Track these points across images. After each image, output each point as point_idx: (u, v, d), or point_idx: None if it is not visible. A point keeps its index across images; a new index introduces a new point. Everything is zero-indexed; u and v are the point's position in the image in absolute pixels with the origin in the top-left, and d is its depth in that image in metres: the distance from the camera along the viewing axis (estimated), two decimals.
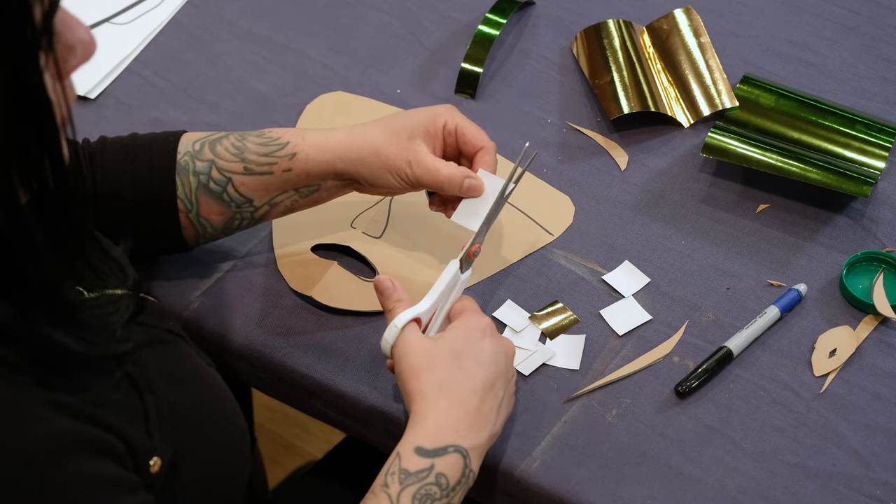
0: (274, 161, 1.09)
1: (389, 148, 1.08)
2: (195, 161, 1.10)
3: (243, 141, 1.10)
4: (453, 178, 1.08)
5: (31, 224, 0.75)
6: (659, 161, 1.27)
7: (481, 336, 1.02)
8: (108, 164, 1.10)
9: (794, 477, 1.05)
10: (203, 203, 1.10)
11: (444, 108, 1.11)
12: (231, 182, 1.10)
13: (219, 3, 1.44)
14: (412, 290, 1.16)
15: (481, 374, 0.99)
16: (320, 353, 1.13)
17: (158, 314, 0.99)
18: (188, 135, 1.12)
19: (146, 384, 0.88)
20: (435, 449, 0.96)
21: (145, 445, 0.85)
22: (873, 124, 1.25)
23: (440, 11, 1.42)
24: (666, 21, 1.36)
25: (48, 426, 0.77)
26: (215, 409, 0.97)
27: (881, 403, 1.09)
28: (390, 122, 1.10)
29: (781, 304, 1.14)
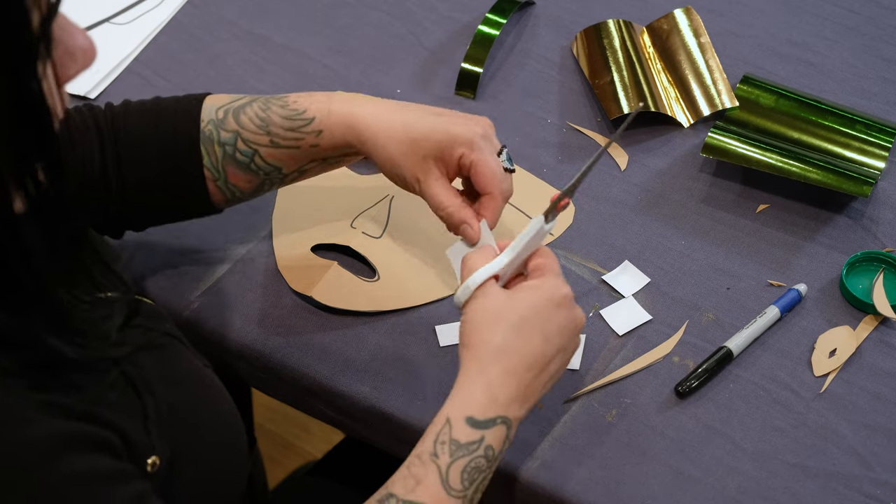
0: (301, 136, 1.07)
1: (406, 160, 1.05)
2: (220, 131, 1.08)
3: (267, 111, 1.08)
4: (452, 216, 1.04)
5: (28, 231, 0.75)
6: (659, 161, 1.27)
7: (555, 306, 0.97)
8: (131, 129, 1.08)
9: (794, 477, 1.05)
10: (230, 172, 1.09)
11: (471, 133, 1.04)
12: (258, 153, 1.08)
13: (219, 3, 1.44)
14: (412, 291, 1.16)
15: (543, 347, 0.96)
16: (320, 353, 1.13)
17: (155, 317, 0.99)
18: (211, 99, 1.10)
19: (144, 384, 0.88)
20: (485, 420, 0.94)
21: (144, 443, 0.85)
22: (873, 124, 1.25)
23: (440, 11, 1.42)
24: (666, 21, 1.36)
25: (40, 428, 0.77)
26: (213, 409, 0.97)
27: (881, 403, 1.09)
28: (413, 128, 1.05)
29: (781, 304, 1.14)
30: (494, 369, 0.95)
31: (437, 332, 1.14)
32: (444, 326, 1.14)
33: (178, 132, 1.08)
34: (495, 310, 0.96)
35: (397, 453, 1.13)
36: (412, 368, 1.12)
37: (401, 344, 1.14)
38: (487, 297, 0.97)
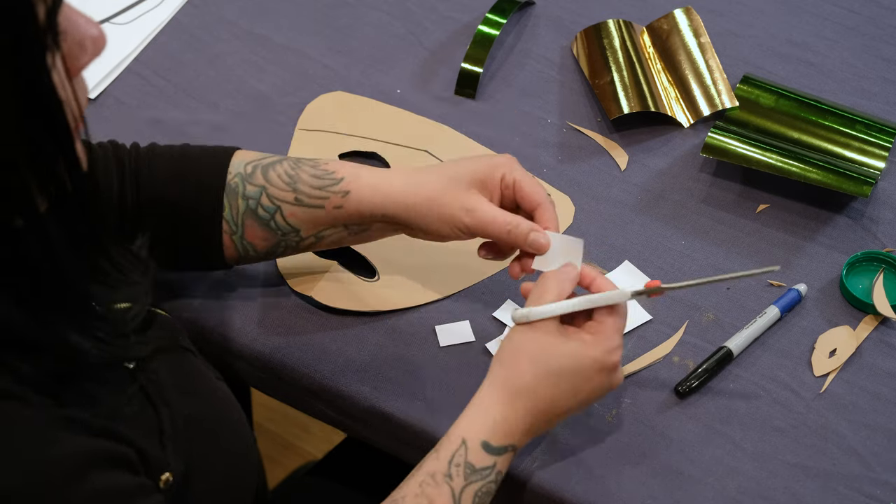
0: (326, 196, 1.06)
1: (445, 196, 1.04)
2: (246, 184, 1.07)
3: (297, 170, 1.07)
4: (519, 226, 1.03)
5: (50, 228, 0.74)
6: (659, 161, 1.27)
7: (597, 370, 0.98)
8: (155, 174, 1.08)
9: (794, 477, 1.05)
10: (248, 227, 1.08)
11: (504, 158, 1.06)
12: (280, 210, 1.07)
13: (219, 3, 1.44)
14: (412, 291, 1.16)
15: (570, 402, 0.99)
16: (320, 353, 1.13)
17: (169, 328, 0.99)
18: (240, 154, 1.10)
19: (160, 396, 0.88)
20: (499, 447, 0.96)
21: (159, 459, 0.85)
22: (873, 124, 1.25)
23: (440, 11, 1.42)
24: (666, 21, 1.36)
25: (64, 446, 0.77)
26: (226, 421, 0.97)
27: (881, 403, 1.09)
28: (447, 170, 1.06)
29: (781, 304, 1.14)
30: (519, 404, 0.97)
31: (437, 332, 1.14)
32: (444, 326, 1.14)
33: (204, 181, 1.08)
34: (542, 348, 0.98)
35: (397, 453, 1.13)
36: (412, 368, 1.12)
37: (401, 344, 1.14)
38: (541, 332, 0.98)
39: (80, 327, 0.79)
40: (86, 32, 0.75)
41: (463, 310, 1.16)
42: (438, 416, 1.09)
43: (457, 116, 1.31)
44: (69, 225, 0.76)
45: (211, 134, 1.30)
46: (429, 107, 1.32)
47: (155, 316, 0.92)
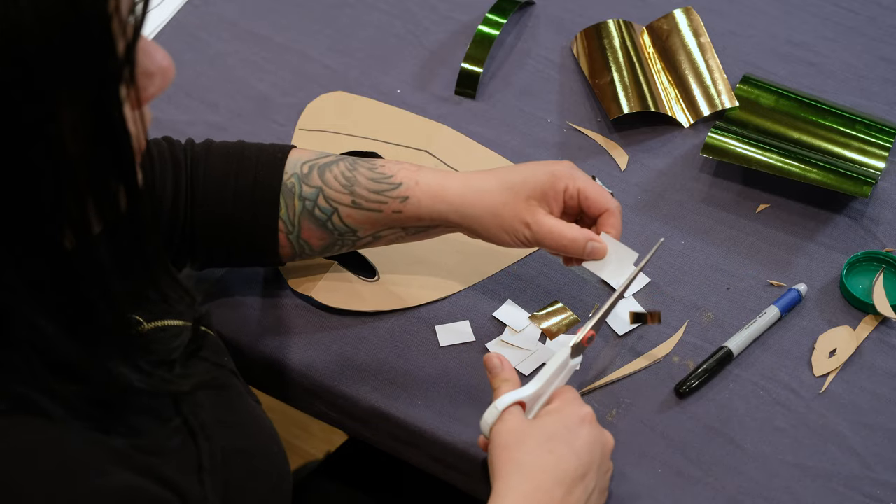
0: (384, 200, 1.06)
1: (506, 209, 1.04)
2: (302, 185, 1.07)
3: (353, 172, 1.07)
4: (577, 241, 1.04)
5: (102, 253, 0.74)
6: (659, 161, 1.27)
7: (579, 422, 0.97)
8: (211, 172, 1.08)
9: (794, 477, 1.05)
10: (305, 227, 1.08)
11: (565, 168, 1.06)
12: (337, 212, 1.07)
13: (219, 3, 1.44)
14: (412, 291, 1.16)
15: (573, 461, 0.95)
16: (320, 353, 1.13)
17: (215, 348, 0.98)
18: (296, 153, 1.10)
19: (202, 429, 0.87)
20: None
21: (197, 497, 0.84)
22: (873, 124, 1.25)
23: (440, 11, 1.42)
24: (666, 21, 1.36)
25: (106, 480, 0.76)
26: (265, 453, 0.96)
27: (881, 403, 1.09)
28: (509, 179, 1.05)
29: (781, 304, 1.14)
30: (524, 486, 0.94)
31: (437, 332, 1.14)
32: (444, 326, 1.14)
33: (260, 181, 1.07)
34: (521, 430, 0.97)
35: (397, 453, 1.13)
36: (412, 368, 1.12)
37: (401, 344, 1.14)
38: (513, 418, 0.97)
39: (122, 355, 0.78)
40: (158, 64, 0.74)
41: (463, 310, 1.16)
42: (438, 416, 1.09)
43: (457, 116, 1.31)
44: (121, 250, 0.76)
45: (211, 134, 1.30)
46: (429, 107, 1.32)
47: (205, 337, 0.92)
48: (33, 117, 0.67)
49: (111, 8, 0.68)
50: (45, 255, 0.72)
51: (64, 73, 0.67)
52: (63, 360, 0.75)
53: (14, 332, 0.73)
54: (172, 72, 0.75)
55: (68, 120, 0.68)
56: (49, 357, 0.74)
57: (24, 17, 0.65)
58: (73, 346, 0.75)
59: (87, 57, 0.68)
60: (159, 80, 0.74)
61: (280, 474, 0.97)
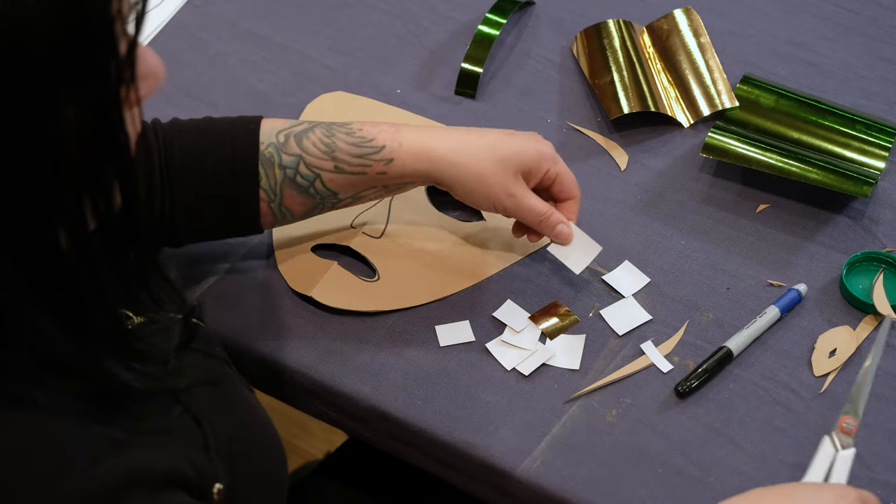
0: (368, 164, 1.07)
1: (495, 179, 1.08)
2: (281, 154, 1.08)
3: (332, 137, 1.08)
4: (550, 220, 1.11)
5: (97, 251, 0.74)
6: (659, 161, 1.27)
7: (825, 489, 0.96)
8: (186, 148, 1.08)
9: (794, 477, 1.05)
10: (287, 195, 1.09)
11: (549, 150, 1.11)
12: (320, 178, 1.08)
13: (219, 3, 1.44)
14: (412, 291, 1.16)
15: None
16: (320, 353, 1.13)
17: (206, 338, 0.99)
18: (267, 122, 1.10)
19: (203, 415, 0.88)
20: None
21: (209, 470, 0.84)
22: (873, 124, 1.25)
23: (440, 11, 1.42)
24: (666, 21, 1.36)
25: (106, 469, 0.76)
26: (261, 441, 0.97)
27: (881, 403, 1.09)
28: (499, 150, 1.09)
29: (781, 304, 1.14)
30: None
31: (437, 332, 1.14)
32: (444, 326, 1.14)
33: (237, 153, 1.08)
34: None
35: (397, 454, 1.13)
36: (412, 368, 1.12)
37: (401, 344, 1.14)
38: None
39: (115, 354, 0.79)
40: (149, 67, 0.75)
41: (463, 310, 1.16)
42: (438, 416, 1.09)
43: (457, 116, 1.31)
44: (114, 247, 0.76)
45: None
46: (429, 107, 1.32)
47: (196, 328, 0.92)
48: (35, 116, 0.68)
49: (114, 10, 0.69)
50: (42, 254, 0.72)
51: (67, 74, 0.68)
52: (60, 358, 0.75)
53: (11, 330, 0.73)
54: (162, 75, 0.76)
55: (69, 119, 0.69)
56: (46, 356, 0.75)
57: (31, 18, 0.66)
58: (70, 344, 0.75)
59: (91, 58, 0.69)
60: (150, 82, 0.75)
61: (276, 461, 0.98)
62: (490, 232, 1.21)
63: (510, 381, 1.11)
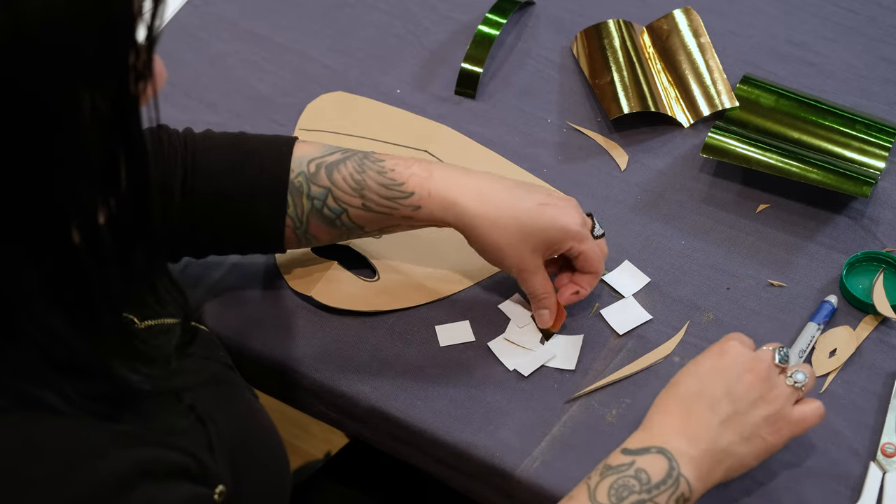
0: (395, 207, 1.07)
1: (512, 250, 1.07)
2: (310, 185, 1.07)
3: (363, 174, 1.07)
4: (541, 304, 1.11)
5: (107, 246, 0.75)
6: (659, 161, 1.27)
7: (736, 359, 1.01)
8: (214, 162, 1.07)
9: (794, 477, 1.05)
10: (313, 224, 1.09)
11: (577, 227, 1.08)
12: (347, 212, 1.08)
13: (219, 3, 1.44)
14: (412, 291, 1.16)
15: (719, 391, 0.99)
16: (320, 353, 1.13)
17: (209, 343, 0.99)
18: (301, 147, 1.09)
19: (208, 416, 0.88)
20: (637, 449, 0.97)
21: (214, 470, 0.85)
22: (873, 124, 1.25)
23: (440, 11, 1.42)
24: (666, 21, 1.36)
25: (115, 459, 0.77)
26: (264, 444, 0.97)
27: (881, 403, 1.09)
28: (526, 225, 1.07)
29: (819, 319, 1.13)
30: (661, 405, 1.00)
31: (437, 332, 1.14)
32: (444, 326, 1.14)
33: (266, 177, 1.07)
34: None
35: (397, 454, 1.13)
36: (412, 368, 1.12)
37: (401, 344, 1.14)
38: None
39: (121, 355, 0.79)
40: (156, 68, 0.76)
41: (463, 310, 1.16)
42: (438, 416, 1.09)
43: (457, 116, 1.31)
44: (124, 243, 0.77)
45: None
46: (429, 107, 1.32)
47: (196, 332, 0.93)
48: (54, 109, 0.69)
49: (136, 9, 0.71)
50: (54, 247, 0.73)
51: (91, 68, 0.70)
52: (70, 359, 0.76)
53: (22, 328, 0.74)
54: (165, 76, 0.77)
55: (87, 113, 0.71)
56: (56, 356, 0.75)
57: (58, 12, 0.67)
58: (80, 343, 0.76)
59: (112, 54, 0.71)
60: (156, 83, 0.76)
61: (280, 466, 0.98)
62: None
63: (510, 381, 1.11)
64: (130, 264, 0.78)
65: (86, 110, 0.70)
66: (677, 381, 1.01)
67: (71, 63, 0.69)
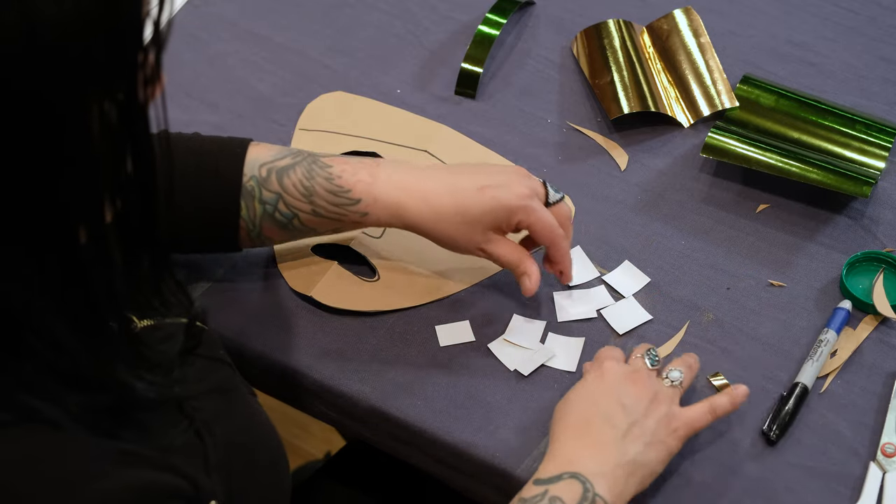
0: (344, 213, 1.08)
1: (463, 237, 1.09)
2: (262, 189, 1.08)
3: (311, 181, 1.08)
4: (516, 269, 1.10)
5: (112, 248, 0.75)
6: (659, 161, 1.27)
7: (596, 375, 1.04)
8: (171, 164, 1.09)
9: (794, 477, 1.05)
10: (266, 227, 1.10)
11: (521, 202, 1.08)
12: (298, 217, 1.09)
13: (219, 3, 1.44)
14: (412, 291, 1.16)
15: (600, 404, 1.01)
16: (320, 353, 1.13)
17: (210, 342, 0.99)
18: (254, 150, 1.10)
19: (206, 427, 0.88)
20: (549, 478, 0.97)
21: (208, 487, 0.85)
22: (873, 124, 1.25)
23: (440, 11, 1.42)
24: (666, 21, 1.36)
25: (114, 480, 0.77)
26: (264, 446, 0.97)
27: (881, 403, 1.09)
28: (468, 212, 1.08)
29: (836, 326, 1.12)
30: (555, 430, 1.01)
31: (437, 332, 1.14)
32: (444, 326, 1.14)
33: (222, 176, 1.08)
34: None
35: (397, 454, 1.13)
36: (412, 368, 1.12)
37: (401, 344, 1.14)
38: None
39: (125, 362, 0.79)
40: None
41: (463, 310, 1.16)
42: (438, 416, 1.09)
43: (457, 116, 1.31)
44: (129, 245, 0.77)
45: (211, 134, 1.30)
46: (429, 107, 1.32)
47: (201, 332, 0.93)
48: (64, 111, 0.70)
49: (144, 13, 0.72)
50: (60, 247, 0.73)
51: (101, 72, 0.70)
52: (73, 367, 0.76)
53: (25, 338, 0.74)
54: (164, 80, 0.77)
55: (98, 115, 0.71)
56: (59, 365, 0.75)
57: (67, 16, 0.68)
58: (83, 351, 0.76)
59: (123, 57, 0.71)
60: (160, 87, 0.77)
61: (279, 466, 0.98)
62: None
63: (510, 381, 1.11)
64: (136, 266, 0.78)
65: (95, 114, 0.71)
66: (567, 409, 1.02)
67: (82, 67, 0.69)
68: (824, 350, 1.10)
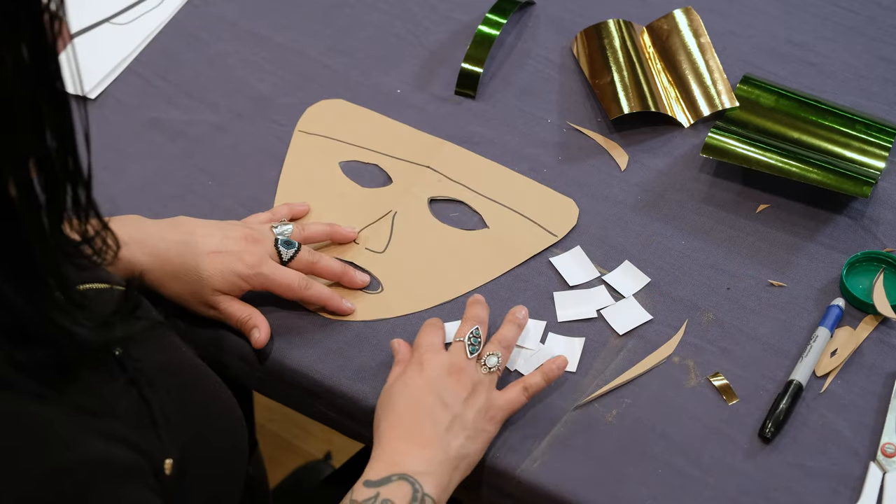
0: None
1: (192, 301, 1.12)
2: None
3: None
4: (244, 326, 1.12)
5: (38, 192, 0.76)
6: (659, 161, 1.27)
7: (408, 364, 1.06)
8: None
9: (794, 477, 1.05)
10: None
11: (248, 271, 1.11)
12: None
13: (219, 3, 1.44)
14: (416, 301, 1.16)
15: (416, 398, 1.03)
16: (320, 353, 1.13)
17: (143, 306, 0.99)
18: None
19: (149, 385, 0.88)
20: (380, 480, 0.99)
21: (158, 450, 0.85)
22: (873, 124, 1.25)
23: (440, 11, 1.42)
24: (666, 21, 1.36)
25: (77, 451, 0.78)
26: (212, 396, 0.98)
27: (881, 403, 1.09)
28: (190, 282, 1.11)
29: (829, 324, 1.12)
30: (379, 434, 1.03)
31: None
32: (444, 326, 1.14)
33: None
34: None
35: None
36: None
37: None
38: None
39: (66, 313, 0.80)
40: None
41: (463, 310, 1.15)
42: None
43: (457, 116, 1.31)
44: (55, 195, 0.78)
45: (211, 134, 1.30)
46: (429, 107, 1.32)
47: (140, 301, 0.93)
48: None
49: None
50: None
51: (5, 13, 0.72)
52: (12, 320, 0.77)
53: None
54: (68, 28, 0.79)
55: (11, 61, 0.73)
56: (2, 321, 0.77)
57: None
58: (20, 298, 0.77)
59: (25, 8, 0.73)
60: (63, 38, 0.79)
61: (232, 415, 0.99)
62: (493, 238, 1.20)
63: (510, 381, 1.11)
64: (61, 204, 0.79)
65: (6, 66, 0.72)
66: (391, 405, 1.04)
67: None
68: (814, 346, 1.10)
